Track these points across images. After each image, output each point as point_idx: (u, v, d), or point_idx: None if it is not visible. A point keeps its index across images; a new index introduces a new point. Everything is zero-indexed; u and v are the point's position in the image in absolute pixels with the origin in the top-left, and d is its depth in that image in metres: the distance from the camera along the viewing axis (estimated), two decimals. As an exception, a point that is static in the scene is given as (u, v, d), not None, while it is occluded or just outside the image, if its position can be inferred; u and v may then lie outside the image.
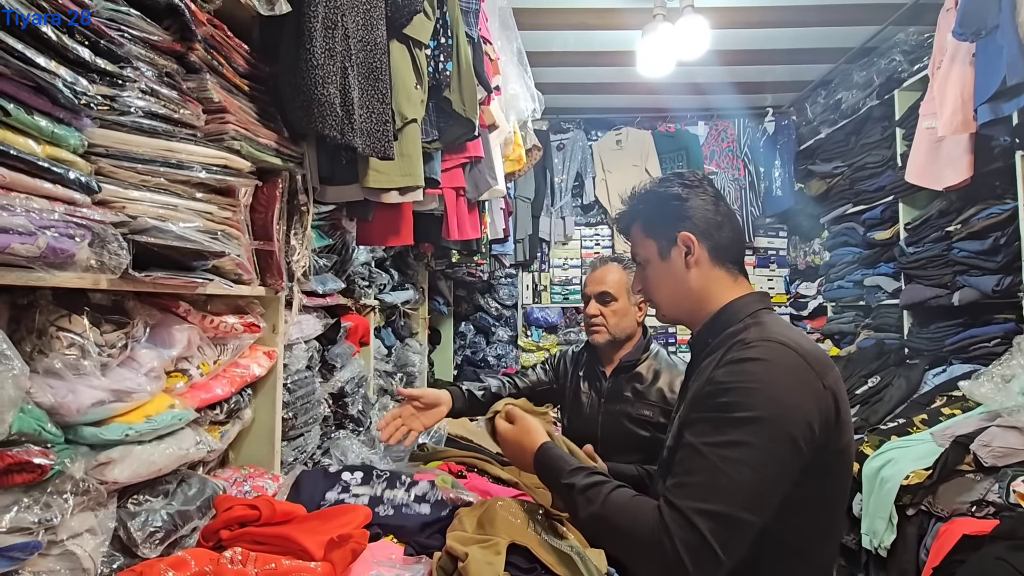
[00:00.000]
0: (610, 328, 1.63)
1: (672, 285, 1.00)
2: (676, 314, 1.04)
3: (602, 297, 1.65)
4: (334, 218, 1.73)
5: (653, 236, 1.01)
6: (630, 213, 1.06)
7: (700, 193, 1.00)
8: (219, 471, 1.21)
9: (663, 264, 1.00)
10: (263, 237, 1.21)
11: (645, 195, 1.05)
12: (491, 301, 4.21)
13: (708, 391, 0.82)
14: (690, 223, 0.98)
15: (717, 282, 0.98)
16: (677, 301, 1.01)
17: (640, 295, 1.05)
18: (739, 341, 0.85)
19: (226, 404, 1.15)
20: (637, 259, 1.05)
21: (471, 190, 2.02)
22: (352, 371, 1.88)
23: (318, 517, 0.97)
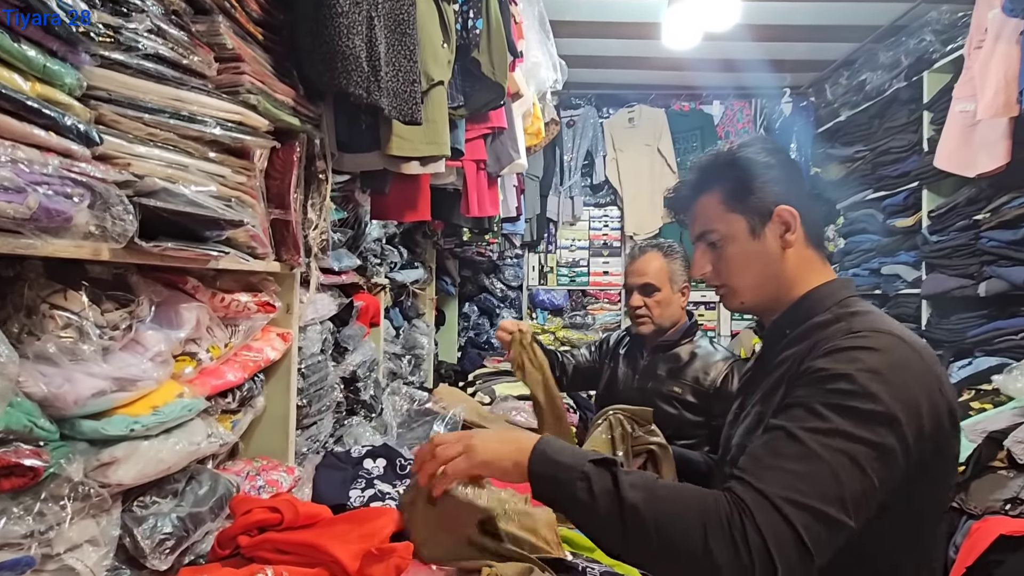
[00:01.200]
0: (655, 319, 1.61)
1: (761, 268, 0.86)
2: (757, 301, 0.90)
3: (645, 289, 1.62)
4: (347, 190, 1.60)
5: (741, 210, 0.86)
6: (702, 181, 0.91)
7: (788, 161, 0.88)
8: (229, 464, 1.10)
9: (754, 244, 0.85)
10: (279, 206, 1.09)
11: (725, 160, 0.89)
12: (496, 282, 4.10)
13: (810, 378, 0.71)
14: (787, 195, 0.85)
15: (808, 265, 0.86)
16: (763, 286, 0.87)
17: (708, 278, 0.91)
18: (840, 330, 0.75)
19: (238, 391, 1.04)
20: (710, 238, 0.89)
21: (492, 163, 1.89)
22: (363, 354, 1.77)
23: (347, 520, 0.87)
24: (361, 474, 1.18)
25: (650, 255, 1.65)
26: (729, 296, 0.91)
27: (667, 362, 1.60)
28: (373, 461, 1.24)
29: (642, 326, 1.63)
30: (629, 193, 4.11)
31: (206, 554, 0.86)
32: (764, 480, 0.64)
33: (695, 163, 0.95)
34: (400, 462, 1.25)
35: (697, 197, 0.91)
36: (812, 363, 0.72)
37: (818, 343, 0.76)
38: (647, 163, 4.09)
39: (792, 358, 0.80)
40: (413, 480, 0.88)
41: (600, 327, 4.14)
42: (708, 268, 0.91)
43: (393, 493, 1.14)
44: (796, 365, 0.76)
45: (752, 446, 0.72)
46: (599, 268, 4.20)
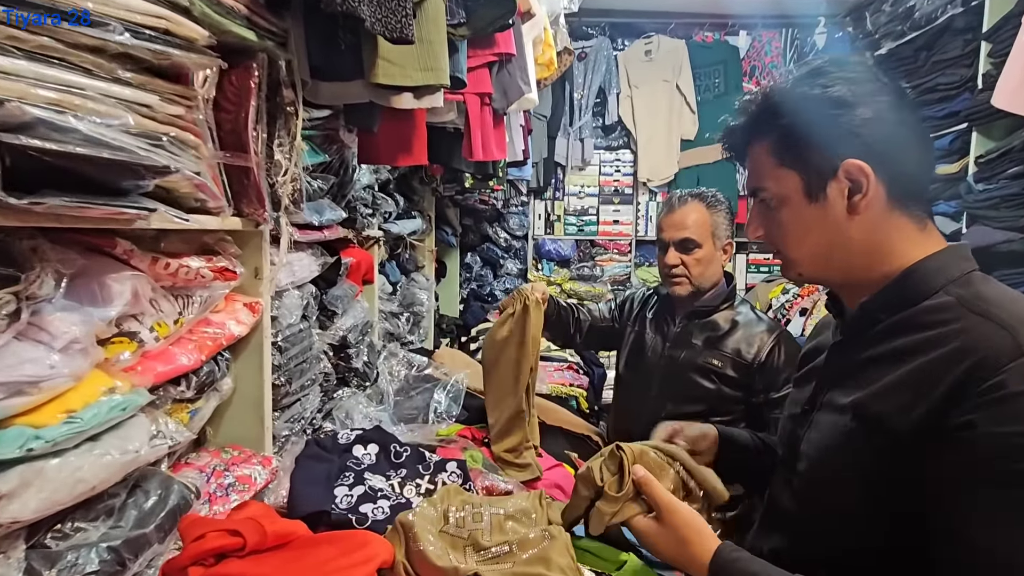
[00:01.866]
0: (693, 279, 1.42)
1: (823, 236, 0.69)
2: (820, 275, 0.74)
3: (683, 244, 1.42)
4: (329, 128, 1.36)
5: (795, 165, 0.68)
6: (751, 125, 0.73)
7: (877, 93, 0.66)
8: (192, 457, 0.94)
9: (811, 208, 0.68)
10: (234, 147, 0.87)
11: (777, 98, 0.70)
12: (500, 231, 3.86)
13: (993, 446, 0.53)
14: (861, 145, 0.65)
15: (896, 233, 0.67)
16: (826, 258, 0.70)
17: (763, 240, 0.75)
18: (1003, 347, 0.55)
19: (194, 376, 0.86)
20: (761, 195, 0.73)
21: (499, 98, 1.63)
22: (355, 316, 1.58)
23: (326, 544, 0.71)
24: (350, 464, 1.02)
25: (691, 206, 1.44)
26: (785, 265, 0.75)
27: (704, 330, 1.42)
28: (364, 448, 1.08)
29: (678, 286, 1.44)
30: (644, 135, 3.80)
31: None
32: None
33: (746, 100, 0.75)
34: (395, 448, 1.09)
35: (747, 145, 0.74)
36: (988, 422, 0.53)
37: (959, 357, 0.57)
38: (664, 102, 3.76)
39: (911, 359, 0.61)
40: None
41: (608, 279, 3.95)
42: (760, 231, 0.76)
43: (387, 489, 0.98)
44: (930, 383, 0.58)
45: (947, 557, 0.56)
46: (609, 217, 3.96)
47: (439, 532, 0.79)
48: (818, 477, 0.69)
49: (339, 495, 0.93)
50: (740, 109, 0.75)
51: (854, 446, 0.64)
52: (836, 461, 0.66)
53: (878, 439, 0.61)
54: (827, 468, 0.68)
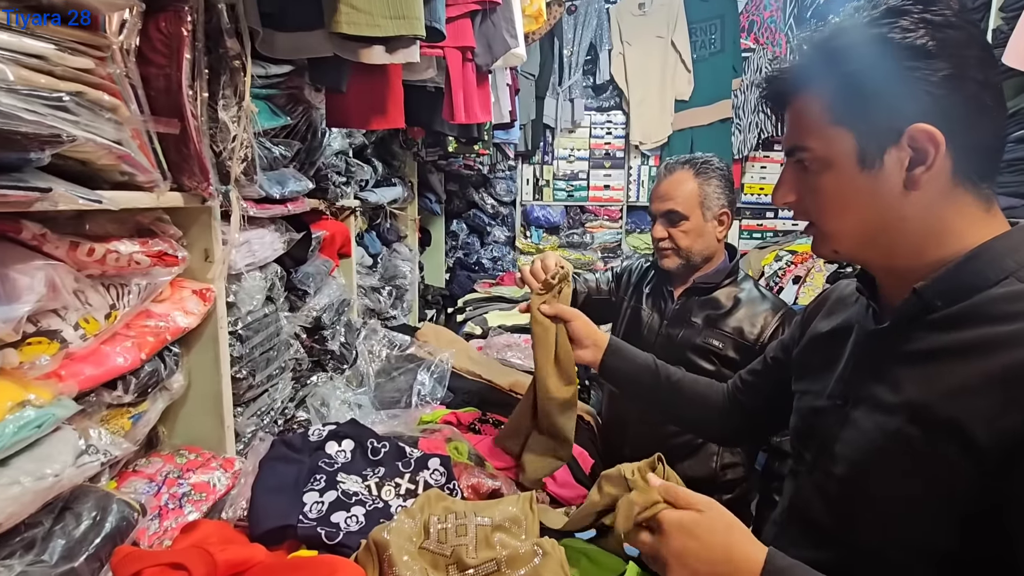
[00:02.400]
0: (681, 252, 1.34)
1: (869, 210, 0.59)
2: (862, 252, 0.64)
3: (669, 216, 1.34)
4: (292, 86, 1.21)
5: (852, 124, 0.58)
6: (807, 69, 0.61)
7: (963, 46, 0.54)
8: (142, 464, 0.84)
9: (861, 176, 0.58)
10: (169, 110, 0.73)
11: (850, 37, 0.58)
12: (487, 197, 3.72)
13: None
14: (935, 108, 0.54)
15: (958, 213, 0.57)
16: (871, 235, 0.61)
17: (793, 209, 0.66)
18: None
19: (134, 377, 0.75)
20: (800, 155, 0.62)
21: (482, 53, 1.48)
22: (330, 294, 1.47)
23: (288, 571, 0.62)
24: (321, 465, 0.93)
25: (679, 175, 1.34)
26: (818, 240, 0.65)
27: (703, 308, 1.34)
28: (338, 444, 0.98)
29: (666, 259, 1.37)
30: (636, 95, 3.63)
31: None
32: None
33: (804, 41, 0.63)
34: (372, 444, 1.00)
35: (795, 94, 0.63)
36: None
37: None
38: (658, 60, 3.58)
39: (988, 356, 0.52)
40: None
41: (599, 246, 3.84)
42: (792, 196, 0.65)
43: (362, 492, 0.89)
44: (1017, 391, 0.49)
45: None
46: (600, 182, 3.82)
47: (418, 549, 0.71)
48: (864, 486, 0.60)
49: (308, 502, 0.84)
50: (799, 47, 0.63)
51: (914, 453, 0.55)
52: (889, 468, 0.57)
53: (950, 447, 0.52)
54: (877, 477, 0.59)
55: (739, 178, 3.80)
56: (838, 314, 0.76)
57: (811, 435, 0.70)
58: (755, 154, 3.74)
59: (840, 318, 0.75)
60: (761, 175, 3.81)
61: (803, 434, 0.73)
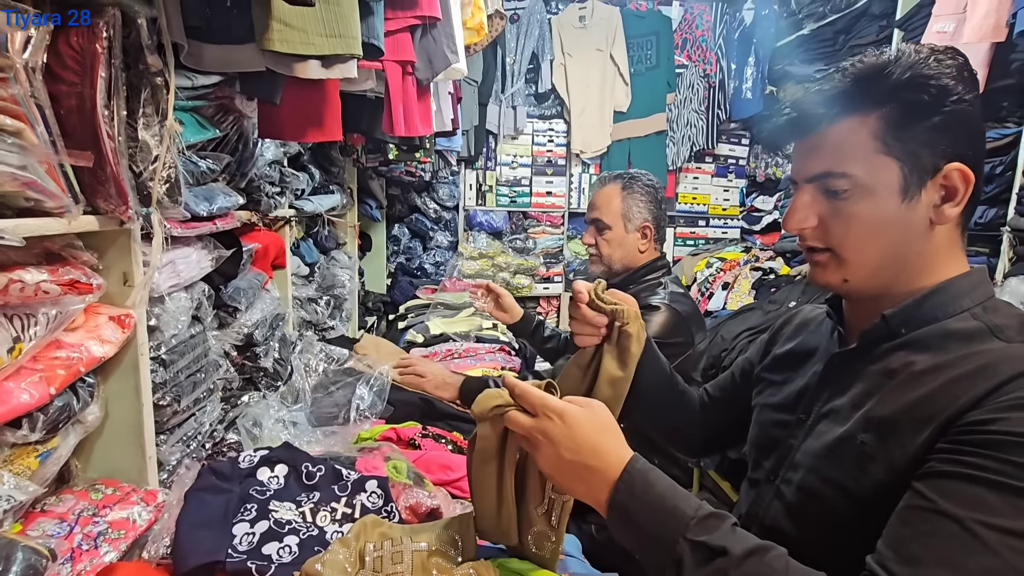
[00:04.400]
0: (604, 259, 1.49)
1: (895, 243, 0.62)
2: (872, 282, 0.65)
3: (596, 224, 1.50)
4: (222, 96, 1.16)
5: (901, 155, 0.59)
6: (855, 96, 0.60)
7: (974, 89, 0.60)
8: (51, 502, 0.78)
9: (899, 208, 0.60)
10: (82, 130, 0.69)
11: (904, 70, 0.58)
12: (429, 202, 3.69)
13: (992, 441, 0.51)
14: (968, 147, 0.60)
15: (949, 249, 0.63)
16: (886, 268, 0.63)
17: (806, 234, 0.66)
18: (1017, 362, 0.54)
19: (41, 415, 0.70)
20: (834, 184, 0.62)
21: (423, 67, 1.48)
22: (263, 309, 1.42)
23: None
24: (252, 493, 0.90)
25: (608, 188, 1.48)
26: (831, 268, 0.65)
27: None
28: (271, 471, 0.96)
29: (592, 264, 1.54)
30: (577, 105, 3.72)
31: None
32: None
33: (845, 69, 0.62)
34: (307, 468, 0.98)
35: (836, 119, 0.61)
36: (991, 416, 0.52)
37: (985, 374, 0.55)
38: (598, 71, 3.68)
39: (930, 381, 0.58)
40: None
41: (541, 252, 3.91)
42: (813, 221, 0.64)
43: (296, 520, 0.87)
44: (948, 401, 0.55)
45: (904, 528, 0.53)
46: (542, 188, 3.88)
47: None
48: (819, 489, 0.64)
49: (238, 534, 0.81)
50: (842, 72, 0.62)
51: (867, 460, 0.59)
52: (842, 473, 0.62)
53: (895, 453, 0.57)
54: (831, 481, 0.63)
55: (673, 188, 3.98)
56: (801, 336, 0.82)
57: (772, 446, 0.75)
58: (688, 165, 3.93)
59: (802, 339, 0.81)
60: (693, 185, 4.00)
61: (763, 445, 0.77)
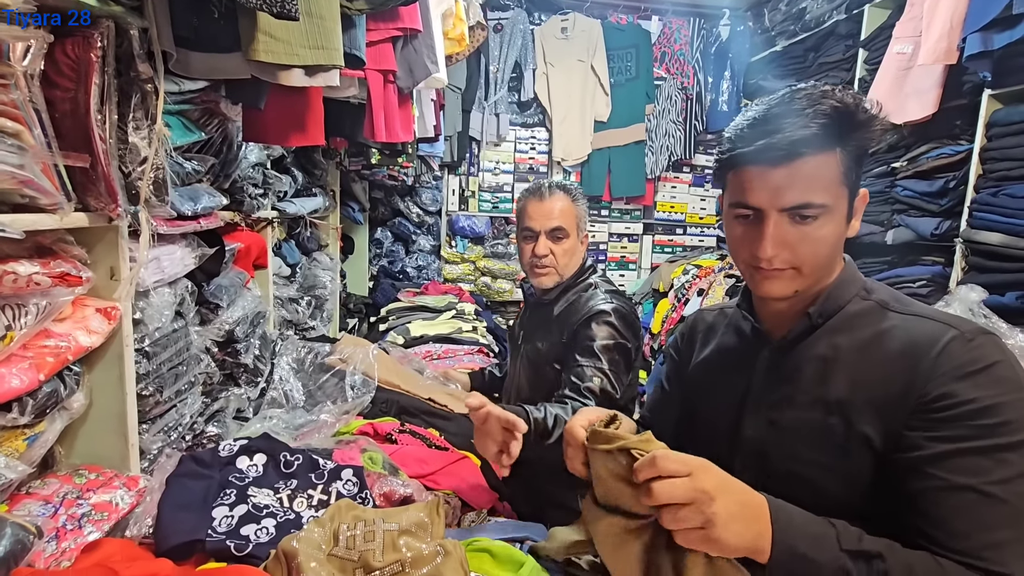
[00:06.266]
0: (560, 269, 1.40)
1: (834, 255, 0.73)
2: (812, 288, 0.74)
3: (555, 233, 1.38)
4: (207, 100, 1.21)
5: (850, 186, 0.69)
6: (831, 133, 0.66)
7: None
8: (36, 485, 0.82)
9: (843, 227, 0.71)
10: (75, 133, 0.74)
11: (863, 112, 0.67)
12: (412, 206, 3.74)
13: (959, 414, 0.61)
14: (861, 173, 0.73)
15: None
16: (825, 273, 0.73)
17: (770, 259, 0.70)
18: (958, 339, 0.64)
19: (31, 399, 0.74)
20: (808, 212, 0.67)
21: (404, 76, 1.54)
22: (244, 307, 1.46)
23: (194, 583, 0.65)
24: (232, 479, 0.94)
25: (558, 195, 1.40)
26: (785, 281, 0.72)
27: (541, 318, 1.43)
28: (249, 459, 1.00)
29: (544, 277, 1.40)
30: (559, 114, 3.81)
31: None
32: (1002, 560, 0.57)
33: (815, 101, 0.67)
34: (285, 457, 1.02)
35: (812, 153, 0.66)
36: (946, 390, 0.62)
37: (913, 351, 0.65)
38: (579, 81, 3.77)
39: (864, 359, 0.69)
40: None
41: (522, 257, 3.97)
42: (788, 250, 0.70)
43: (274, 505, 0.92)
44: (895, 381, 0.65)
45: (938, 509, 0.61)
46: (523, 194, 3.95)
47: (327, 556, 0.76)
48: (803, 472, 0.70)
49: (218, 516, 0.86)
50: (814, 107, 0.66)
51: (842, 439, 0.67)
52: (823, 454, 0.69)
53: (867, 431, 0.66)
54: (815, 463, 0.70)
55: (652, 196, 4.08)
56: (714, 340, 0.89)
57: (722, 439, 0.80)
58: (666, 174, 4.04)
59: (719, 342, 0.88)
60: (672, 194, 4.11)
61: (710, 440, 0.81)
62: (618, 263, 4.12)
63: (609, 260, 4.10)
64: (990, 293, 2.00)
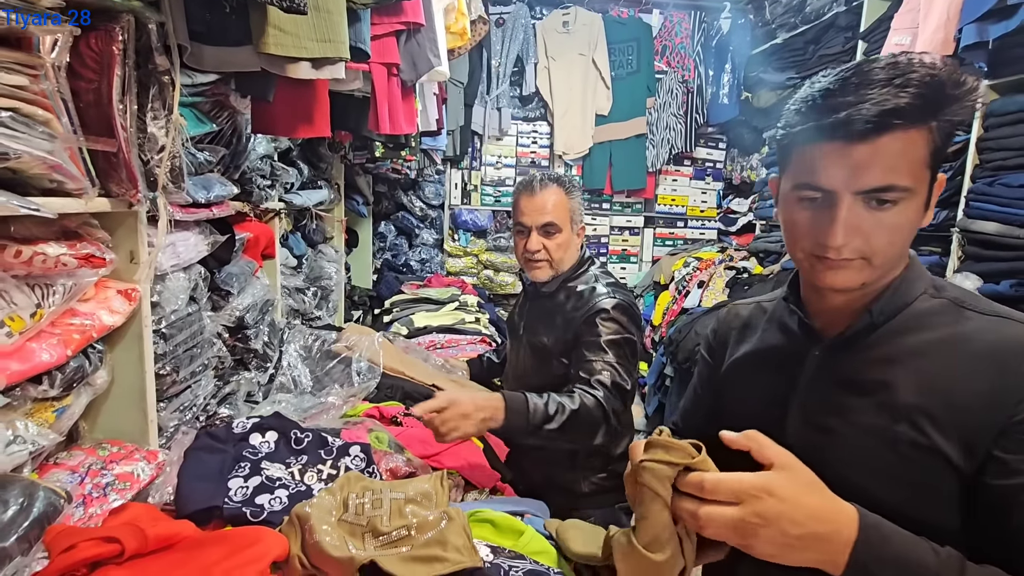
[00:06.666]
0: (554, 263, 1.40)
1: (905, 245, 0.64)
2: (880, 281, 0.66)
3: (546, 228, 1.39)
4: (218, 93, 1.25)
5: (933, 167, 0.61)
6: (925, 107, 0.57)
7: None
8: (63, 456, 0.87)
9: (921, 215, 0.62)
10: (97, 121, 0.78)
11: (955, 83, 0.58)
12: (415, 200, 3.78)
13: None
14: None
15: None
16: (892, 265, 0.65)
17: (839, 248, 0.62)
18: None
19: (59, 373, 0.79)
20: (889, 195, 0.59)
21: (407, 69, 1.58)
22: (253, 294, 1.51)
23: (215, 543, 0.70)
24: (246, 454, 0.99)
25: (550, 189, 1.39)
26: (853, 272, 0.63)
27: (543, 309, 1.45)
28: (262, 436, 1.05)
29: (539, 271, 1.41)
30: (560, 108, 3.84)
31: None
32: None
33: (905, 69, 0.57)
34: (295, 434, 1.07)
35: (902, 127, 0.57)
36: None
37: (995, 357, 0.58)
38: (580, 75, 3.80)
39: (939, 362, 0.61)
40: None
41: (524, 250, 4.01)
42: (861, 238, 0.61)
43: (285, 478, 0.97)
44: (969, 392, 0.59)
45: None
46: (525, 188, 3.99)
47: (337, 521, 0.80)
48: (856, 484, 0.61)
49: (233, 487, 0.90)
50: (906, 78, 0.57)
51: (912, 449, 0.60)
52: (889, 464, 0.62)
53: (940, 442, 0.59)
54: (878, 472, 0.62)
55: (653, 189, 4.11)
56: (750, 338, 0.81)
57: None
58: (667, 168, 4.07)
59: (759, 338, 0.80)
60: (672, 187, 4.14)
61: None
62: (619, 256, 4.16)
63: (611, 253, 4.14)
64: (985, 282, 2.03)
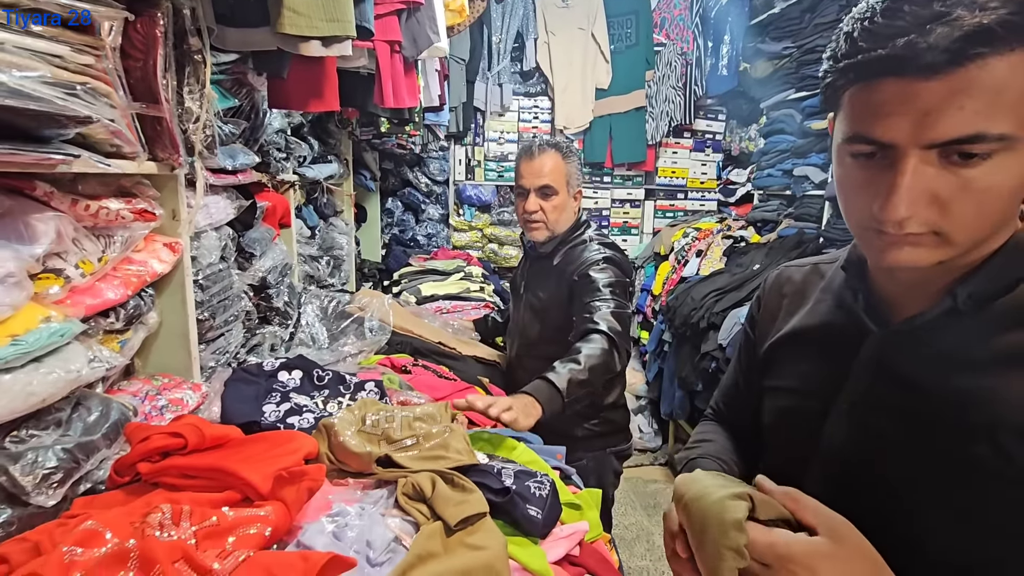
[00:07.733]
0: (550, 224, 1.53)
1: (1003, 217, 0.49)
2: (966, 258, 0.52)
3: (543, 191, 1.51)
4: (237, 72, 1.38)
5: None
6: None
7: None
8: (124, 384, 1.03)
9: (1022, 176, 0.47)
10: (145, 95, 0.92)
11: None
12: (421, 176, 3.90)
13: None
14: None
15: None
16: (988, 234, 0.51)
17: (911, 219, 0.48)
18: None
19: (122, 309, 0.94)
20: (980, 147, 0.45)
21: (408, 46, 1.69)
22: (274, 258, 1.65)
23: (257, 441, 0.85)
24: (275, 387, 1.15)
25: (548, 153, 1.50)
26: (924, 250, 0.49)
27: (543, 265, 1.56)
28: (288, 373, 1.20)
29: (536, 231, 1.53)
30: (560, 82, 3.91)
31: (105, 481, 0.82)
32: None
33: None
34: (317, 373, 1.23)
35: (993, 53, 0.43)
36: None
37: None
38: (580, 50, 3.87)
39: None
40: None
41: (527, 224, 4.13)
42: (936, 207, 0.47)
43: (311, 405, 1.12)
44: None
45: None
46: (528, 163, 4.09)
47: (356, 431, 0.96)
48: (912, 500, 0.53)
49: (267, 411, 1.06)
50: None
51: (987, 469, 0.48)
52: (949, 484, 0.51)
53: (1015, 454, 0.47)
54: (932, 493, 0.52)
55: (653, 162, 4.19)
56: (800, 309, 0.69)
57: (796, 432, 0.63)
58: (667, 140, 4.14)
59: (806, 314, 0.68)
60: (672, 160, 4.22)
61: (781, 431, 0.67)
62: (621, 228, 4.27)
63: (612, 226, 4.24)
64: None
